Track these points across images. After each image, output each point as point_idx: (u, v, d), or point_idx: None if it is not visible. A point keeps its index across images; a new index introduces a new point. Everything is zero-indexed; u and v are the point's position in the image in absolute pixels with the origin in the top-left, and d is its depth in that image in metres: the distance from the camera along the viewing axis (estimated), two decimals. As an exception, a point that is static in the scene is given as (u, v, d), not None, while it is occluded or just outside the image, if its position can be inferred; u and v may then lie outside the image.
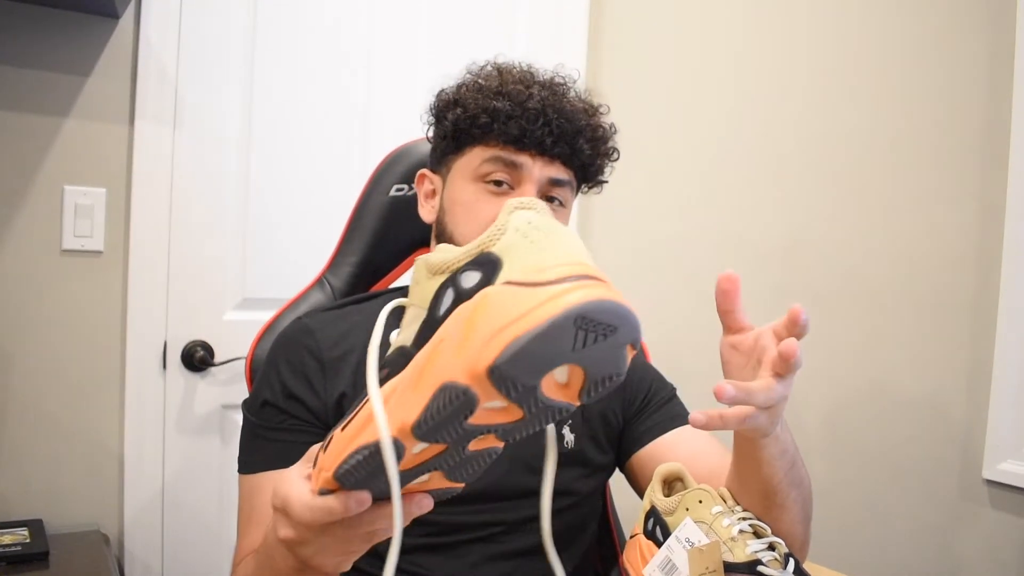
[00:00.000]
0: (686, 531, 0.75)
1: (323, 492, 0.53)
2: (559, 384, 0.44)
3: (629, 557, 0.84)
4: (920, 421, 1.96)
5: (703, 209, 1.86)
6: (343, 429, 0.52)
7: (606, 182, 0.96)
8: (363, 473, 0.49)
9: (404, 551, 0.64)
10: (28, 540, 1.20)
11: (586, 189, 0.96)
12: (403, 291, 1.01)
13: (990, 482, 1.85)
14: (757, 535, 0.75)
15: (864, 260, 1.93)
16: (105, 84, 1.37)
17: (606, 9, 1.80)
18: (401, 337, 0.51)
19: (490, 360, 0.41)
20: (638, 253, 1.82)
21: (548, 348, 0.41)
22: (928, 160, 1.95)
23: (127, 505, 1.42)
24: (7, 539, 1.20)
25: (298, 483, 0.56)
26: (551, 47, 1.75)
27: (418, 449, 0.48)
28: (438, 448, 0.48)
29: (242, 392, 1.03)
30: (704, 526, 0.75)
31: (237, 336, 1.46)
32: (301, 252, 1.49)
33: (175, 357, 1.46)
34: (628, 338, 0.43)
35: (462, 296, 0.46)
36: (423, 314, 0.49)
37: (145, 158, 1.40)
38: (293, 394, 0.87)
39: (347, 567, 0.60)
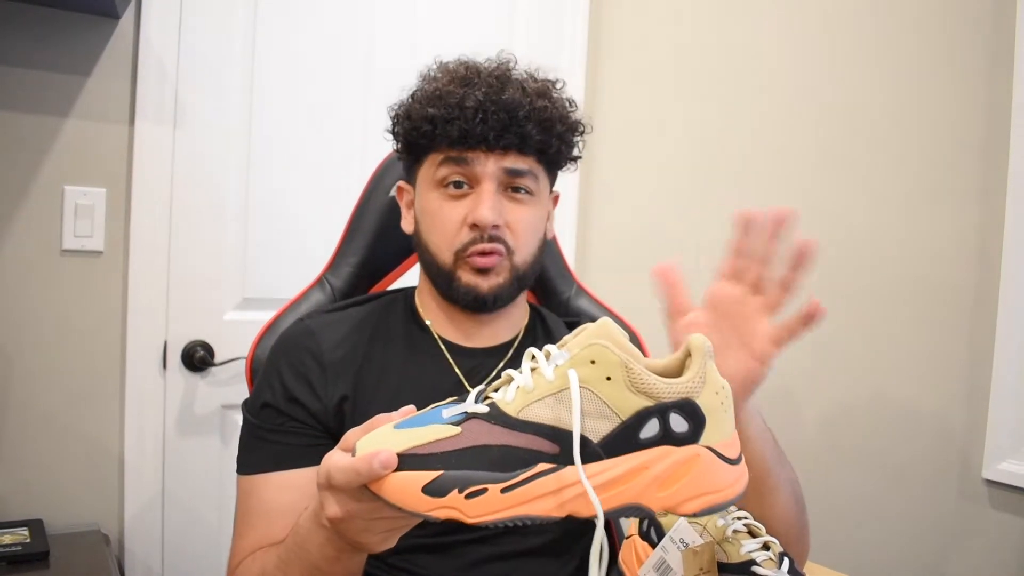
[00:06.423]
0: (680, 532, 0.75)
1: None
2: None
3: (624, 558, 0.84)
4: (919, 421, 1.96)
5: (701, 207, 1.86)
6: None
7: (579, 157, 0.94)
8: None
9: (402, 550, 0.65)
10: (28, 540, 1.21)
11: (563, 167, 0.95)
12: (404, 292, 1.01)
13: (990, 482, 1.85)
14: (752, 535, 0.75)
15: (862, 259, 1.93)
16: (105, 84, 1.37)
17: (606, 9, 1.80)
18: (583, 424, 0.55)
19: (691, 511, 0.55)
20: (636, 250, 1.82)
21: (718, 511, 0.57)
22: (928, 160, 1.95)
23: (127, 505, 1.42)
24: (7, 539, 1.20)
25: (336, 454, 0.58)
26: (551, 47, 1.75)
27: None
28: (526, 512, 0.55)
29: (242, 392, 1.03)
30: (698, 527, 0.75)
31: (237, 336, 1.47)
32: (301, 252, 1.49)
33: (175, 357, 1.46)
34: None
35: (670, 437, 0.54)
36: (616, 418, 0.54)
37: (145, 158, 1.40)
38: (293, 396, 0.88)
39: (392, 543, 0.62)
